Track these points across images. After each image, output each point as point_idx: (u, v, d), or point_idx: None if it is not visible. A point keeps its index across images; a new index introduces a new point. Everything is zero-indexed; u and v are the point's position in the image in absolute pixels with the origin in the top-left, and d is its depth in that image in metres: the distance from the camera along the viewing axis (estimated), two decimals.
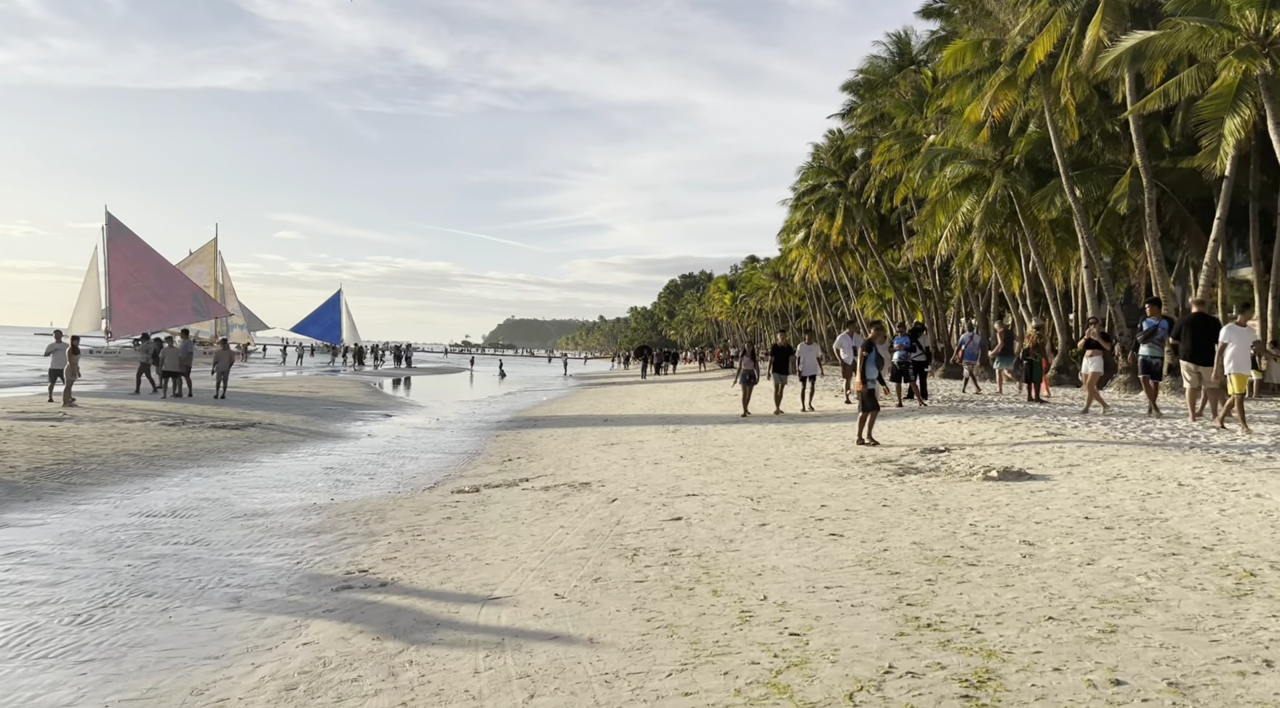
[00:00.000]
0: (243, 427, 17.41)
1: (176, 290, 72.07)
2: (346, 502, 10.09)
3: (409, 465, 13.57)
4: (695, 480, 10.33)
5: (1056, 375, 33.46)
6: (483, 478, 11.86)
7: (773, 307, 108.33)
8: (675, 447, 14.04)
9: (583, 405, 27.77)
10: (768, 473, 10.64)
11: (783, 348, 19.41)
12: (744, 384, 18.99)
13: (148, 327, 70.97)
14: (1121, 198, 28.70)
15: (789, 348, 19.53)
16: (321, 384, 37.81)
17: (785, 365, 18.97)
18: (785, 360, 19.02)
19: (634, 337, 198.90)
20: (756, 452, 12.75)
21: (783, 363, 18.97)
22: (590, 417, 22.65)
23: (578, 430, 18.35)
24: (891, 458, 11.26)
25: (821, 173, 57.13)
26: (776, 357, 19.12)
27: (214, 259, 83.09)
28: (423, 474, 12.63)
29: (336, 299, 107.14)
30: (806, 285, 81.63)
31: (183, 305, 72.20)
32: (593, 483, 10.59)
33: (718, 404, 24.11)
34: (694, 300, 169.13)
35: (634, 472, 11.43)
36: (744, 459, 12.02)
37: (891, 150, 43.06)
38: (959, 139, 35.65)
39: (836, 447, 12.74)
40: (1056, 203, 30.76)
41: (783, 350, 19.28)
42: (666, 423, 19.29)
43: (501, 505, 9.38)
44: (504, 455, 14.52)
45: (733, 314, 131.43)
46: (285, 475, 12.25)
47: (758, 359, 18.22)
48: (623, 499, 9.28)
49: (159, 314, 69.96)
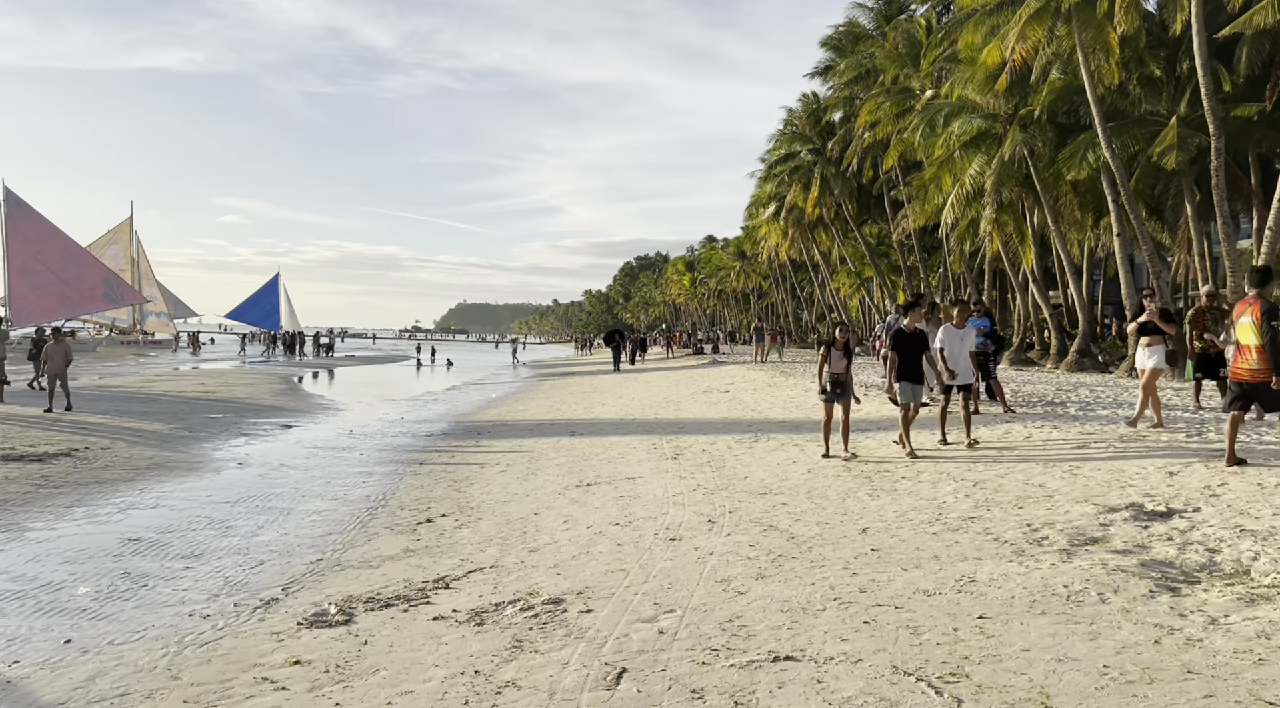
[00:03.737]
0: (47, 457, 12.09)
1: (86, 275, 65.08)
2: (37, 695, 4.99)
3: (262, 536, 8.43)
4: (764, 594, 5.42)
5: (1078, 359, 29.25)
6: (372, 575, 6.80)
7: (734, 288, 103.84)
8: (689, 491, 9.09)
9: (541, 406, 22.68)
10: (892, 573, 5.74)
11: (911, 335, 10.43)
12: (829, 401, 10.51)
13: (53, 315, 63.98)
14: (1168, 151, 24.26)
15: (920, 337, 10.51)
16: (231, 380, 32.23)
17: (918, 367, 10.38)
18: (917, 358, 10.37)
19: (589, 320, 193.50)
20: (830, 507, 7.85)
21: (913, 363, 10.35)
22: (552, 424, 17.62)
23: (536, 454, 13.30)
24: (1087, 530, 6.44)
25: (795, 140, 52.31)
26: (901, 351, 10.30)
27: (130, 239, 76.06)
28: (274, 559, 7.52)
29: (274, 283, 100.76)
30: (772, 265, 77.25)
31: (93, 291, 65.24)
32: (568, 601, 5.62)
33: (710, 405, 19.20)
34: (650, 283, 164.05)
35: (638, 561, 6.48)
36: (819, 529, 7.11)
37: (881, 108, 38.31)
38: (965, 91, 31.03)
39: (976, 504, 7.88)
40: (1089, 159, 26.25)
41: (912, 341, 10.42)
42: (655, 435, 14.34)
43: (385, 678, 4.41)
44: (423, 508, 9.42)
45: (691, 296, 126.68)
46: (8, 576, 7.07)
47: (851, 353, 10.72)
48: (638, 669, 4.34)
49: (66, 301, 63.13)
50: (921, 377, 10.41)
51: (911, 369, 10.38)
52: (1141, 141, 25.90)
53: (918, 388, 10.39)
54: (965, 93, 30.67)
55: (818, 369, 10.69)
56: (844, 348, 10.56)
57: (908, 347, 10.40)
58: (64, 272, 63.55)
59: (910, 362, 10.38)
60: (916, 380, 10.38)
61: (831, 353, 10.52)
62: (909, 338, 10.46)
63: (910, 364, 10.39)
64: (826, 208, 50.86)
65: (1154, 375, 11.09)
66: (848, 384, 10.54)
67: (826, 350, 10.55)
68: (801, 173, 51.47)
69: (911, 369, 10.38)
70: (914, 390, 10.34)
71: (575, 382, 33.26)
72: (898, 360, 10.37)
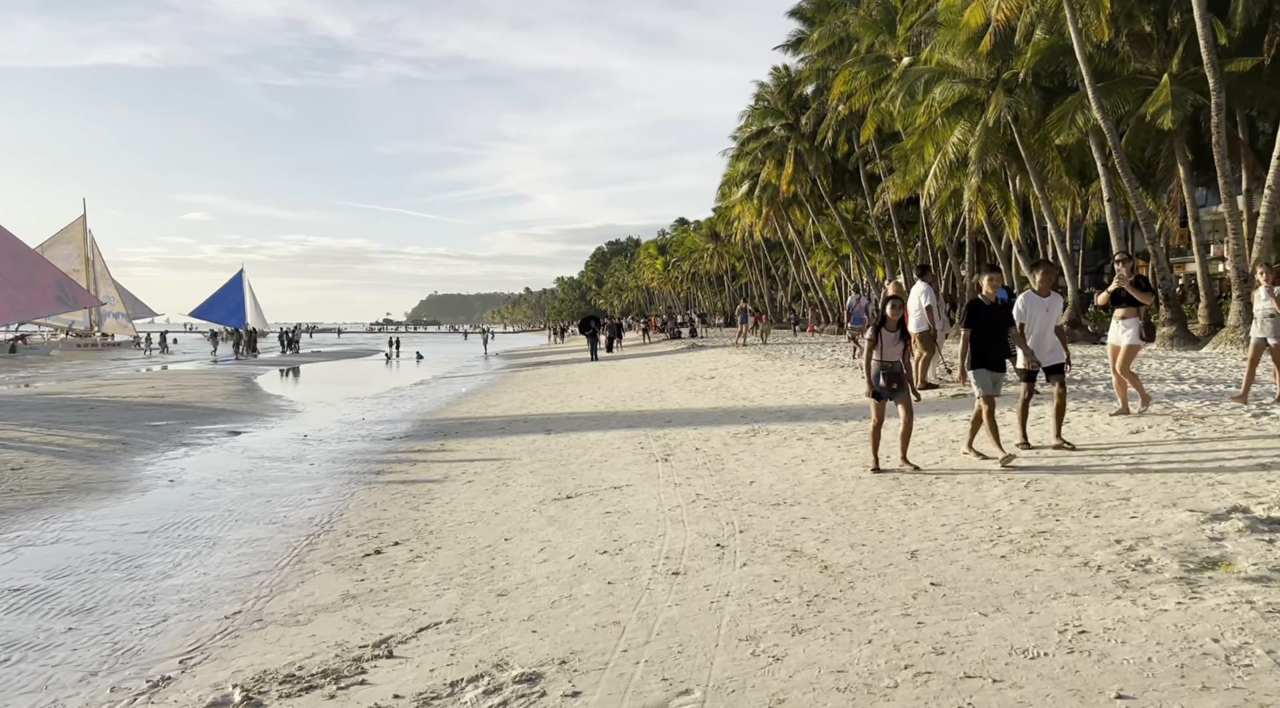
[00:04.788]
0: None
1: (36, 277, 62.46)
2: None
3: (175, 578, 6.95)
4: (808, 660, 4.06)
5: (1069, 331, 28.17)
6: (298, 636, 5.36)
7: (708, 270, 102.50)
8: (687, 503, 7.71)
9: (513, 400, 21.22)
10: (969, 620, 4.39)
11: (990, 308, 8.18)
12: (879, 397, 8.14)
13: (3, 320, 61.77)
14: (1163, 110, 23.14)
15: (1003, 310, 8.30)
16: (185, 382, 30.48)
17: (1000, 353, 8.17)
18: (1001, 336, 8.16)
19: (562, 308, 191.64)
20: (861, 522, 6.48)
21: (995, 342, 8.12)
22: (524, 421, 16.18)
23: (507, 459, 11.86)
24: (1197, 548, 5.13)
25: (768, 115, 50.87)
26: (978, 328, 8.09)
27: (84, 238, 73.41)
28: (183, 613, 6.06)
29: (239, 280, 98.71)
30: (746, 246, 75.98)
31: (44, 294, 62.70)
32: (547, 675, 4.22)
33: (696, 394, 17.84)
34: (622, 268, 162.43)
35: (635, 609, 5.09)
36: (857, 553, 5.75)
37: (857, 78, 36.93)
38: (946, 56, 29.79)
39: (1094, 534, 6.55)
40: (1078, 122, 25.07)
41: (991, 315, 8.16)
42: (640, 429, 12.96)
43: None
44: (372, 534, 7.97)
45: (665, 280, 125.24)
46: None
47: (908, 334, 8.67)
48: None
49: (15, 305, 60.59)
50: (1005, 360, 8.22)
51: (992, 351, 8.10)
52: (1132, 102, 24.76)
53: (998, 376, 8.13)
54: (946, 58, 29.42)
55: (865, 359, 8.26)
56: (898, 327, 8.08)
57: (987, 322, 8.11)
58: (14, 275, 60.90)
59: (991, 341, 8.07)
60: (998, 366, 8.12)
61: (882, 336, 8.02)
62: (988, 311, 8.16)
63: (991, 344, 8.09)
64: (801, 185, 49.59)
65: (1130, 354, 9.63)
66: (905, 376, 8.11)
67: (875, 333, 8.06)
68: (775, 149, 50.14)
69: (992, 351, 8.10)
70: (995, 379, 8.10)
71: (550, 372, 31.79)
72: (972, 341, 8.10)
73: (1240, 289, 20.06)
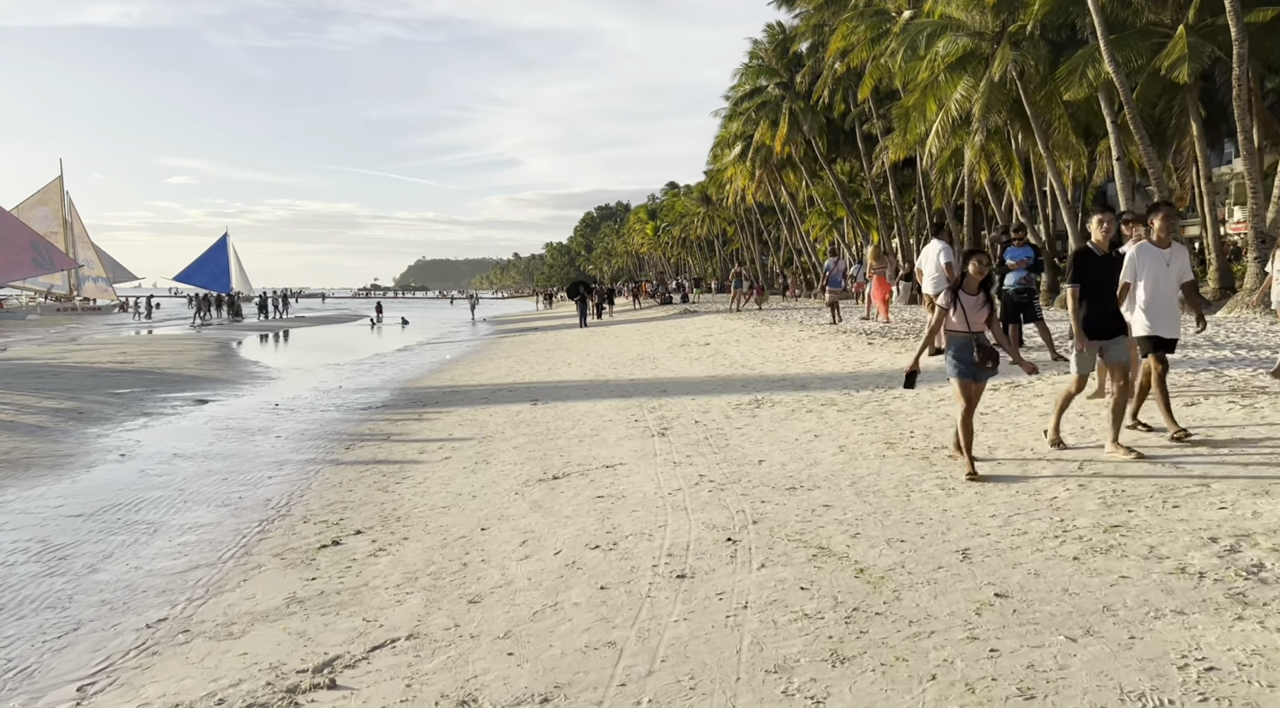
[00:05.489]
0: None
1: (11, 239, 60.93)
2: None
3: (102, 573, 6.00)
4: (857, 701, 3.18)
5: None
6: (227, 654, 4.41)
7: (699, 234, 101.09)
8: (689, 486, 6.79)
9: (499, 367, 20.25)
10: (1055, 647, 3.48)
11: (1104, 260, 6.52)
12: (966, 376, 6.28)
13: None
14: (1178, 63, 22.12)
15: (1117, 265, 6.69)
16: (158, 347, 29.39)
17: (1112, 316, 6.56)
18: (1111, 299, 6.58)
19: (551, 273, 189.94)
20: (895, 511, 5.55)
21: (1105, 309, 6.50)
22: (509, 389, 15.23)
23: (490, 432, 10.90)
24: None
25: (762, 74, 49.45)
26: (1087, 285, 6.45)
27: (61, 199, 71.59)
28: (100, 620, 5.11)
29: (223, 243, 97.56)
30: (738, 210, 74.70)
31: (19, 256, 61.18)
32: None
33: (692, 361, 16.91)
34: (612, 233, 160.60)
35: (634, 624, 4.16)
36: (896, 552, 4.83)
37: (855, 33, 35.66)
38: (949, 8, 28.65)
39: None
40: (1089, 76, 24.02)
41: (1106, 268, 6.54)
42: (633, 399, 12.03)
43: None
44: (333, 520, 7.03)
45: (655, 245, 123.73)
46: None
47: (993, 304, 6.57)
48: None
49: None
50: (1122, 327, 6.51)
51: (1108, 315, 6.41)
52: (1145, 55, 23.70)
53: (1110, 345, 6.39)
54: (949, 10, 28.26)
55: (930, 327, 6.67)
56: (980, 288, 6.30)
57: (1101, 276, 6.40)
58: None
59: (1102, 302, 6.41)
60: (1109, 334, 6.39)
61: (961, 299, 6.23)
62: (1101, 264, 6.41)
63: (1101, 306, 6.39)
64: (795, 146, 48.37)
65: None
66: (995, 348, 6.36)
67: (952, 296, 6.27)
68: (769, 109, 48.77)
69: (1108, 315, 6.41)
70: (1107, 346, 6.38)
71: (538, 338, 30.79)
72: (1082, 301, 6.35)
73: (1258, 250, 19.21)
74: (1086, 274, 6.44)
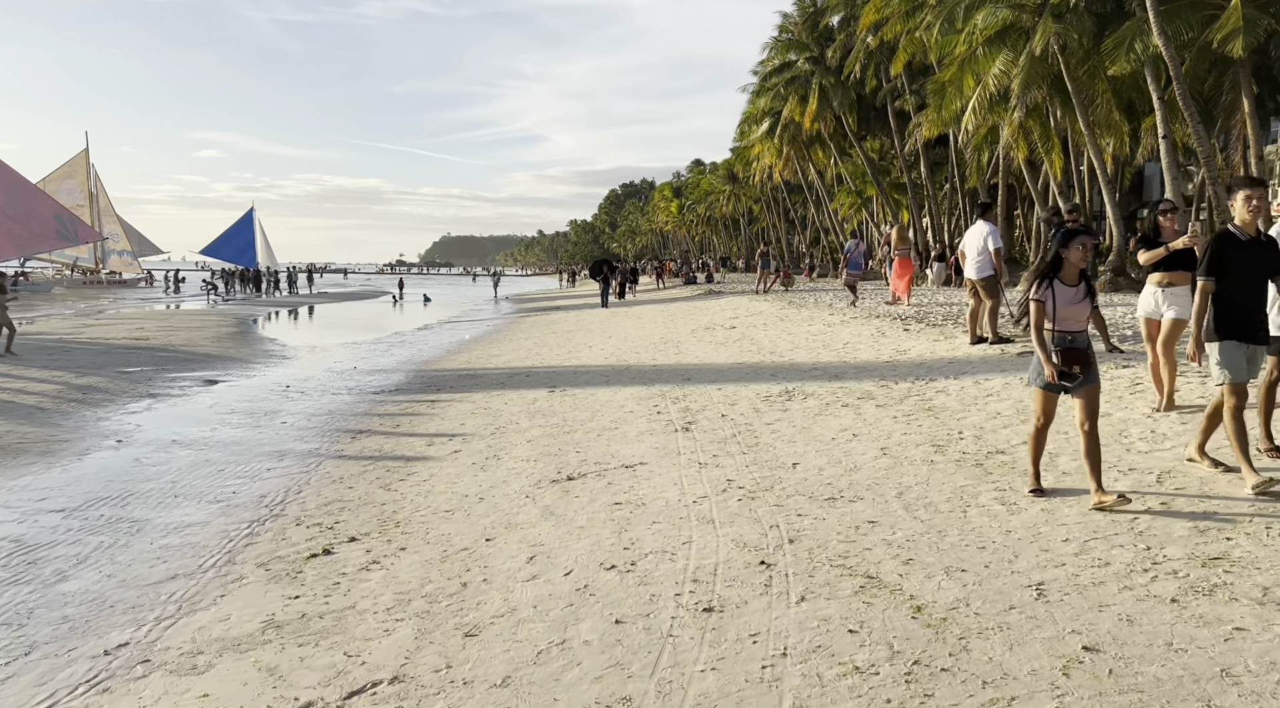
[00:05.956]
0: None
1: (35, 211, 60.86)
2: None
3: (69, 583, 5.45)
4: None
5: (1113, 279, 26.38)
6: (186, 694, 3.87)
7: (724, 213, 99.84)
8: (716, 493, 6.16)
9: (517, 349, 19.67)
10: None
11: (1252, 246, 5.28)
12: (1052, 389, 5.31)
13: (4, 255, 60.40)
14: (1232, 35, 21.03)
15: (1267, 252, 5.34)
16: (176, 323, 29.13)
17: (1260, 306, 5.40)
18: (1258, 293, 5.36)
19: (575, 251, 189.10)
20: (951, 530, 4.85)
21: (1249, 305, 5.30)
22: (527, 374, 14.63)
23: (503, 423, 10.29)
24: None
25: (791, 48, 48.26)
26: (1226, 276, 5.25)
27: (87, 172, 71.64)
28: (54, 643, 4.54)
29: (249, 218, 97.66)
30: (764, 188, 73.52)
31: (44, 229, 61.09)
32: None
33: (717, 346, 16.23)
34: (636, 211, 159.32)
35: (653, 673, 3.54)
36: (959, 586, 4.16)
37: (889, 6, 34.57)
38: None
39: None
40: (1137, 49, 22.96)
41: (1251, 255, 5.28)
42: (655, 387, 11.39)
43: None
44: (327, 524, 6.45)
45: (679, 223, 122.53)
46: None
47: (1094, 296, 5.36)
48: None
49: (14, 240, 59.10)
50: (1266, 335, 5.34)
51: (1247, 312, 5.21)
52: (1196, 28, 22.61)
53: (1257, 351, 5.28)
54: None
55: (1034, 330, 5.21)
56: (1080, 277, 5.18)
57: (1244, 265, 5.18)
58: (11, 209, 59.29)
59: (1246, 296, 5.22)
60: (1255, 337, 5.22)
61: (1055, 289, 5.12)
62: (1245, 250, 5.19)
63: (1245, 302, 5.20)
64: (825, 122, 47.23)
65: (1176, 332, 6.97)
66: (1092, 355, 5.22)
67: (1048, 285, 5.14)
68: (798, 84, 47.61)
69: (1247, 312, 5.21)
70: (1252, 357, 5.23)
71: (559, 318, 30.19)
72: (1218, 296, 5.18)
73: None
74: (1228, 264, 5.16)
